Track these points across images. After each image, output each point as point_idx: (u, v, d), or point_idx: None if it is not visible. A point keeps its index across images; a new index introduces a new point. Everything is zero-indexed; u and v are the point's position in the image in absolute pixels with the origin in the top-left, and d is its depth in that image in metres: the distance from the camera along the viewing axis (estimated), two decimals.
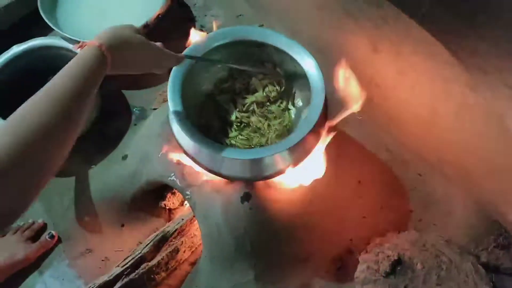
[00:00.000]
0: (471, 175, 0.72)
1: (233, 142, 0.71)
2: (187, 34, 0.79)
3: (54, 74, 0.84)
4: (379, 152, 0.80)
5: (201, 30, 0.91)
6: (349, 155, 0.78)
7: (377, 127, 0.81)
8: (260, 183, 0.67)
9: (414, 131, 0.77)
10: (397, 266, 0.67)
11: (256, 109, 0.73)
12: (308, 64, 0.66)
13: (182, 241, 0.74)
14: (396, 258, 0.67)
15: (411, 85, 0.70)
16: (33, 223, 0.79)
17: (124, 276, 0.68)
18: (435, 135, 0.74)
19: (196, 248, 0.78)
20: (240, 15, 0.93)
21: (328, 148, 0.73)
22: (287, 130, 0.72)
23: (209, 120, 0.73)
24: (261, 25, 0.90)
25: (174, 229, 0.75)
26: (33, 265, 0.74)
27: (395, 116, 0.78)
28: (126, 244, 0.79)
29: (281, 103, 0.75)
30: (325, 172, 0.72)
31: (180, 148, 0.67)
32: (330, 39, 0.76)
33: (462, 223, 0.73)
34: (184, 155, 0.67)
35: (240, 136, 0.72)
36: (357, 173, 0.78)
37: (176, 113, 0.63)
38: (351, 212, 0.75)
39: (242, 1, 0.95)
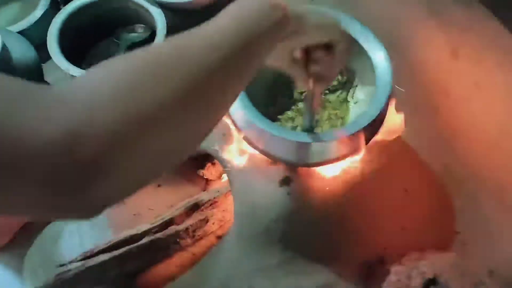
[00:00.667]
0: None
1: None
2: None
3: (122, 26, 0.87)
4: (434, 164, 0.75)
5: None
6: (400, 161, 0.74)
7: (437, 138, 0.76)
8: (303, 169, 0.65)
9: (477, 150, 0.72)
10: (431, 285, 0.63)
11: None
12: (378, 56, 0.62)
13: (213, 213, 0.74)
14: (431, 277, 0.63)
15: (485, 99, 0.65)
16: None
17: (151, 234, 0.69)
18: (499, 159, 0.69)
19: (225, 223, 0.77)
20: None
21: (381, 149, 0.69)
22: (342, 122, 0.69)
23: (265, 101, 0.71)
24: None
25: (208, 199, 0.74)
26: None
27: (460, 130, 0.73)
28: (159, 204, 0.79)
29: (341, 93, 0.72)
30: (372, 174, 0.69)
31: (230, 119, 0.66)
32: (407, 36, 0.72)
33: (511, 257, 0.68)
34: (233, 127, 0.66)
35: (292, 123, 0.70)
36: (405, 182, 0.74)
37: None
38: (391, 220, 0.71)
39: None
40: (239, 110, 0.61)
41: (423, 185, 0.75)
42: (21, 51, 0.77)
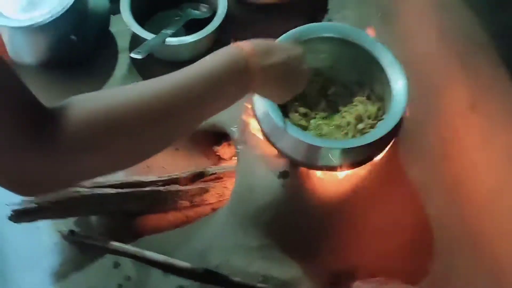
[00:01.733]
0: (506, 270, 0.68)
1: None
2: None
3: (188, 1, 0.95)
4: (428, 205, 0.78)
5: None
6: (396, 194, 0.78)
7: (438, 182, 0.79)
8: (303, 169, 0.70)
9: (472, 203, 0.74)
10: None
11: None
12: (399, 85, 0.66)
13: (215, 186, 0.80)
14: None
15: (490, 156, 0.68)
16: None
17: (155, 185, 0.76)
18: (490, 217, 0.71)
19: (223, 200, 0.83)
20: (368, 25, 0.95)
21: (381, 176, 0.73)
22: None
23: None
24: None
25: (214, 172, 0.81)
26: None
27: (460, 181, 0.75)
28: (171, 165, 0.87)
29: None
30: (366, 194, 0.73)
31: (252, 107, 0.72)
32: (433, 79, 0.76)
33: None
34: (253, 115, 0.73)
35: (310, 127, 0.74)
36: (395, 212, 0.77)
37: None
38: (370, 243, 0.75)
39: (377, 15, 0.97)
40: (260, 100, 0.67)
41: (411, 220, 0.78)
42: None
